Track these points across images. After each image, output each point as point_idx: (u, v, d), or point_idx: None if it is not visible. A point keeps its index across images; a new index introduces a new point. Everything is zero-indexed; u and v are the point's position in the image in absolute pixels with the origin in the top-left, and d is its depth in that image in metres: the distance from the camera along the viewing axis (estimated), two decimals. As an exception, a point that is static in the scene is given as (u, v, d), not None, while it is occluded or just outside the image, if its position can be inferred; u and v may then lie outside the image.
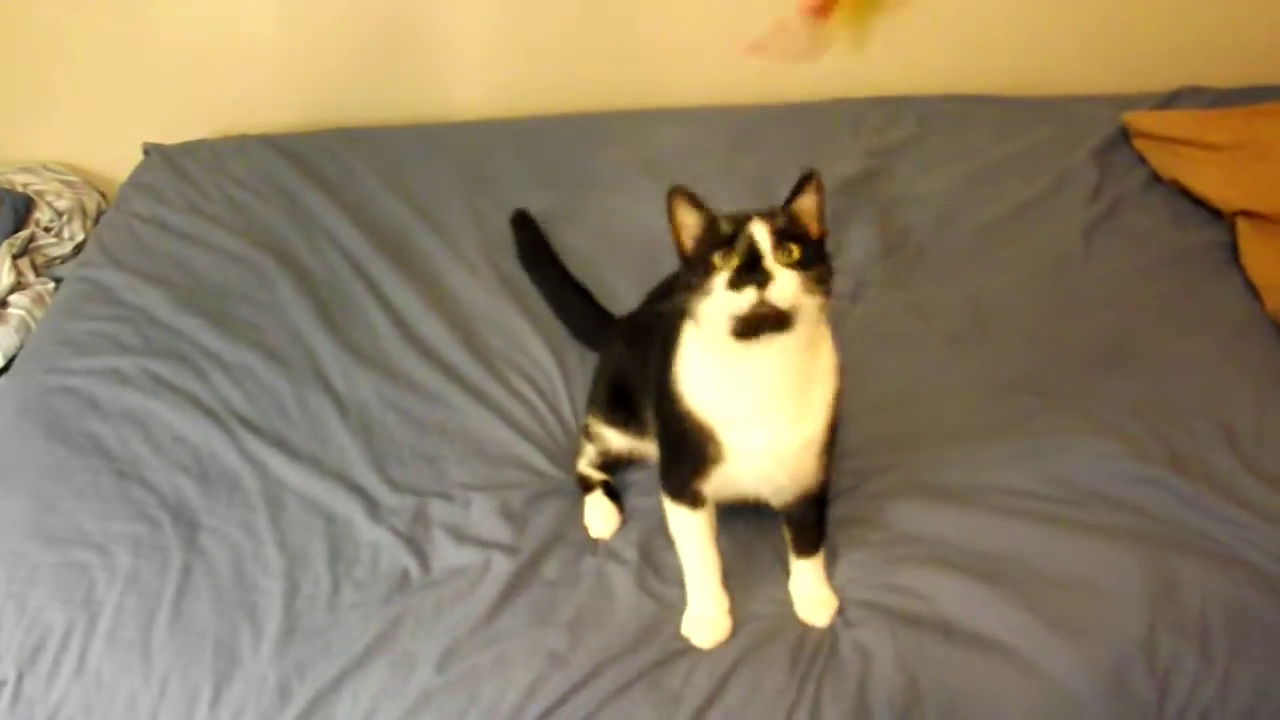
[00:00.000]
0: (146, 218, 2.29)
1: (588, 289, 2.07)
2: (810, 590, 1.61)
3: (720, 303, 1.31)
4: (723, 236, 1.33)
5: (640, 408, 1.67)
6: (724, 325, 1.32)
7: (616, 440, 1.74)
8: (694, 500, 1.54)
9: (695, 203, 1.37)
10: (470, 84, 2.67)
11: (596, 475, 1.76)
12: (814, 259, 1.33)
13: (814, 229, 1.38)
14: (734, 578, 1.62)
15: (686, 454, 1.49)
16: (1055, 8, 2.73)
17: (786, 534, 1.61)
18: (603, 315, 2.01)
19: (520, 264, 2.20)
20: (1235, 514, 1.71)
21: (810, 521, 1.59)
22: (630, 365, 1.70)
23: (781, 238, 1.31)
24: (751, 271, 1.29)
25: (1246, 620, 1.59)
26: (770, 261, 1.29)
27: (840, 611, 1.60)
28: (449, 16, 2.56)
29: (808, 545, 1.61)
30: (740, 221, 1.33)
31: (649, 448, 1.69)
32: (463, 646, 1.54)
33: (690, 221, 1.38)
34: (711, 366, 1.41)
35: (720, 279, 1.30)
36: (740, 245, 1.30)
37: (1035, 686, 1.52)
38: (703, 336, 1.38)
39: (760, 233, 1.31)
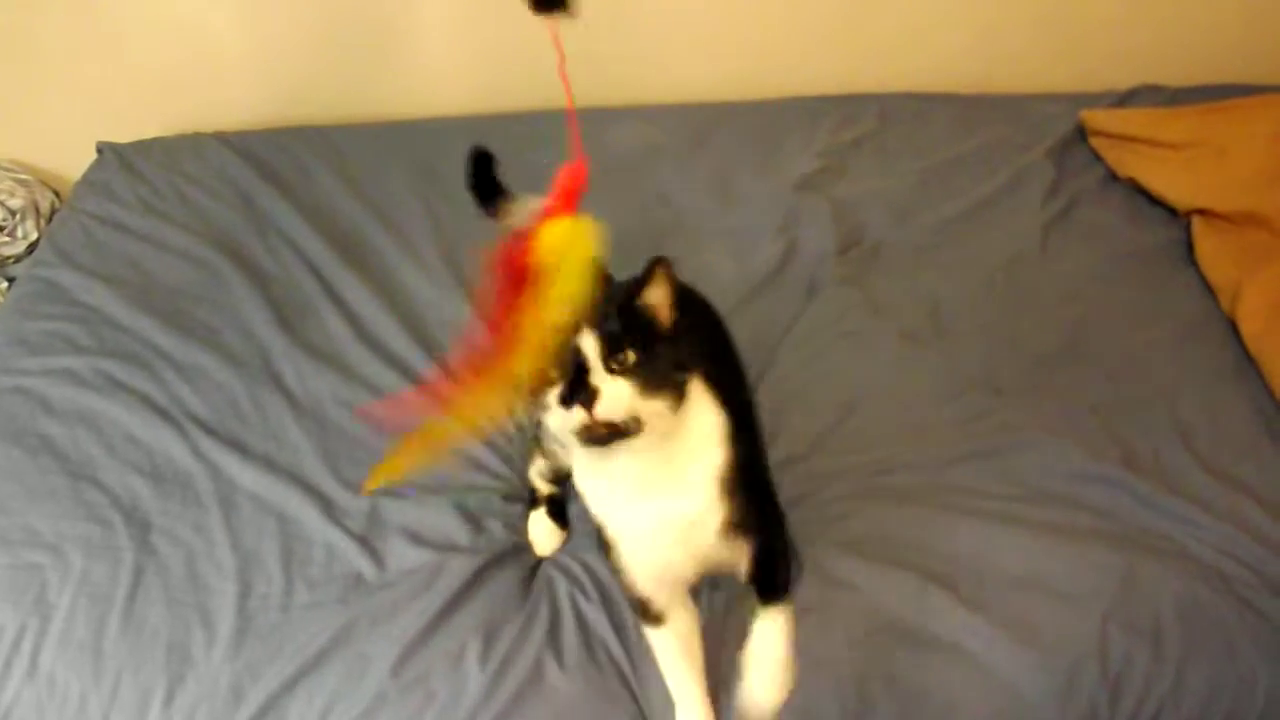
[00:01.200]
0: (100, 217, 2.27)
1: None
2: (767, 658, 1.46)
3: (556, 419, 1.26)
4: (560, 347, 1.24)
5: None
6: (569, 437, 1.27)
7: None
8: (651, 617, 1.50)
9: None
10: (427, 82, 2.65)
11: (544, 488, 1.74)
12: (656, 358, 1.27)
13: (665, 320, 1.32)
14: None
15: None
16: (1013, 6, 2.73)
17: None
18: None
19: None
20: (1189, 511, 1.73)
21: (763, 578, 1.51)
22: None
23: (614, 344, 1.25)
24: (578, 387, 1.23)
25: (1199, 618, 1.60)
26: (598, 375, 1.24)
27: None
28: (406, 15, 2.55)
29: (763, 593, 1.51)
30: (576, 329, 1.25)
31: None
32: (417, 647, 1.54)
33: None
34: (585, 463, 1.38)
35: (553, 395, 1.24)
36: (564, 360, 1.24)
37: (988, 688, 1.53)
38: None
39: (588, 343, 1.24)
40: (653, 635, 1.52)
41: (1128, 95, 2.69)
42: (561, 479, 1.73)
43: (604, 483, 1.41)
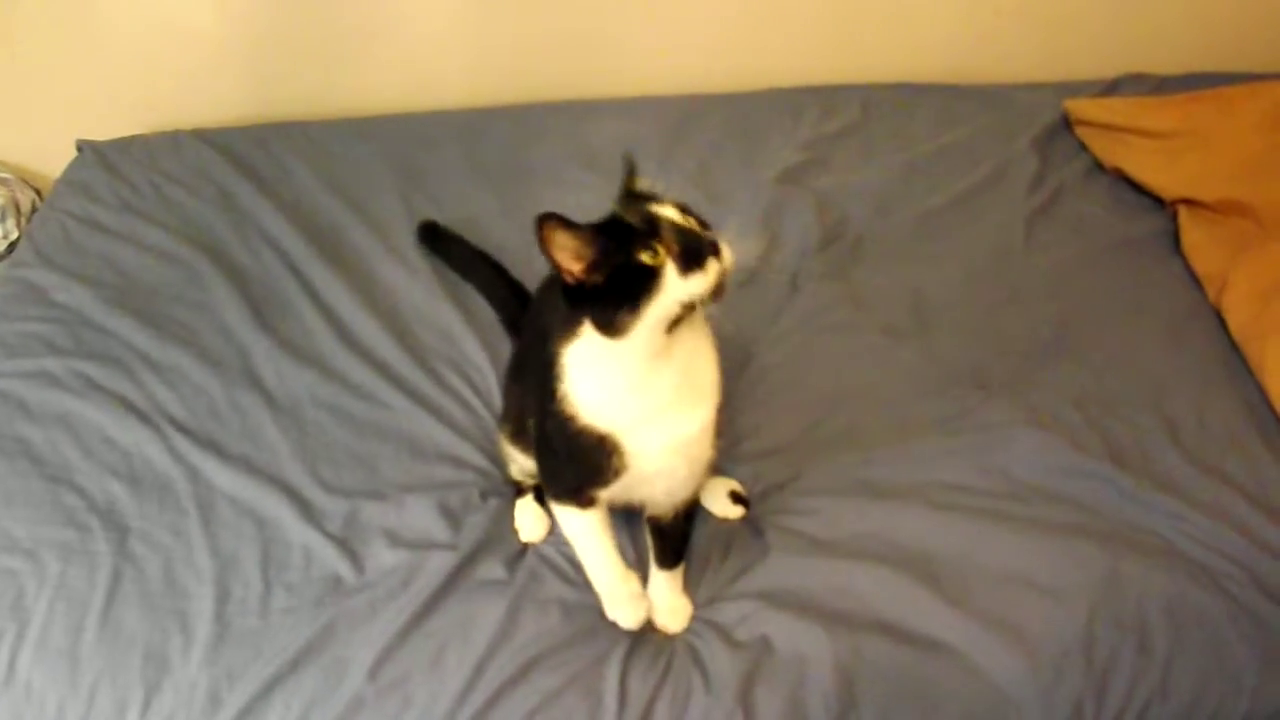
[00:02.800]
0: (79, 216, 2.25)
1: (520, 284, 2.03)
2: (668, 600, 1.60)
3: (674, 293, 1.24)
4: (631, 236, 1.24)
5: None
6: (667, 321, 1.26)
7: (530, 464, 1.69)
8: (586, 502, 1.50)
9: (569, 225, 1.23)
10: (405, 77, 2.63)
11: (528, 480, 1.73)
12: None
13: None
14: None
15: (584, 468, 1.42)
16: (998, -4, 2.73)
17: (652, 545, 1.59)
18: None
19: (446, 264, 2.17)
20: (1175, 507, 1.72)
21: (679, 533, 1.56)
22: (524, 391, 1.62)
23: (684, 210, 1.29)
24: (696, 249, 1.24)
25: (1186, 614, 1.59)
26: (705, 233, 1.26)
27: (695, 617, 1.60)
28: (384, 9, 2.53)
29: (670, 557, 1.59)
30: (643, 216, 1.26)
31: None
32: (395, 650, 1.52)
33: (571, 244, 1.24)
34: (618, 375, 1.33)
35: (669, 269, 1.23)
36: (669, 230, 1.24)
37: (973, 685, 1.53)
38: (623, 347, 1.28)
39: (672, 212, 1.27)
40: (574, 516, 1.52)
41: (1112, 85, 2.69)
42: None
43: (633, 398, 1.36)
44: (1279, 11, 2.81)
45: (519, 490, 1.73)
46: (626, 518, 1.67)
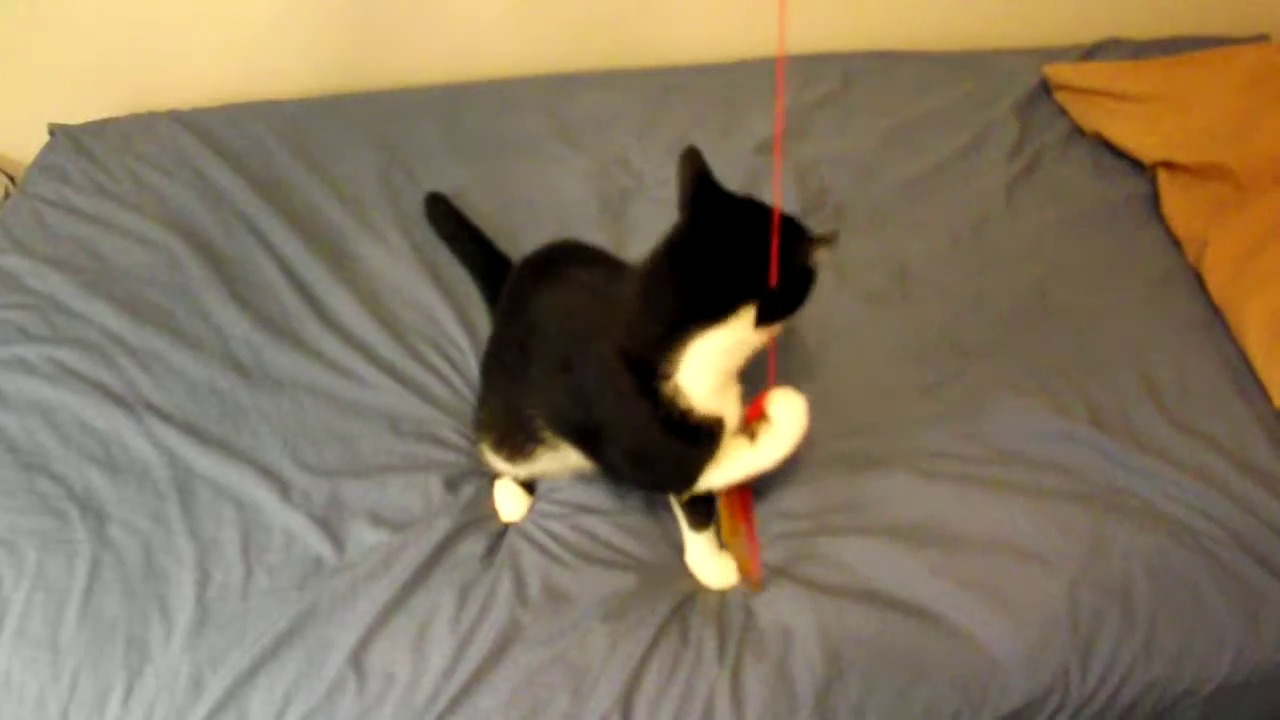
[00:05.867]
0: (52, 201, 2.22)
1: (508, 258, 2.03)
2: (710, 558, 1.62)
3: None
4: (803, 238, 1.34)
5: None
6: None
7: (519, 472, 1.69)
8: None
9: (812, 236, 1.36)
10: (380, 52, 2.61)
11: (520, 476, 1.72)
12: None
13: None
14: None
15: (703, 456, 1.43)
16: (976, -39, 2.71)
17: (685, 512, 1.60)
18: None
19: (441, 238, 2.16)
20: (1158, 468, 1.73)
21: (709, 494, 1.57)
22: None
23: None
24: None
25: (1169, 576, 1.61)
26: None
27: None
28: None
29: (705, 517, 1.60)
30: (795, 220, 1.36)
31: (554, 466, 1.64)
32: (378, 630, 1.52)
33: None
34: (735, 362, 1.37)
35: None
36: (823, 241, 1.35)
37: (959, 652, 1.53)
38: (759, 334, 1.33)
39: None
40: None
41: (1092, 50, 2.68)
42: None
43: (730, 383, 1.41)
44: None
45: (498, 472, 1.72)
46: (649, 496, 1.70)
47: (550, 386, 1.47)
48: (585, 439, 1.47)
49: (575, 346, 1.43)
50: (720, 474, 1.45)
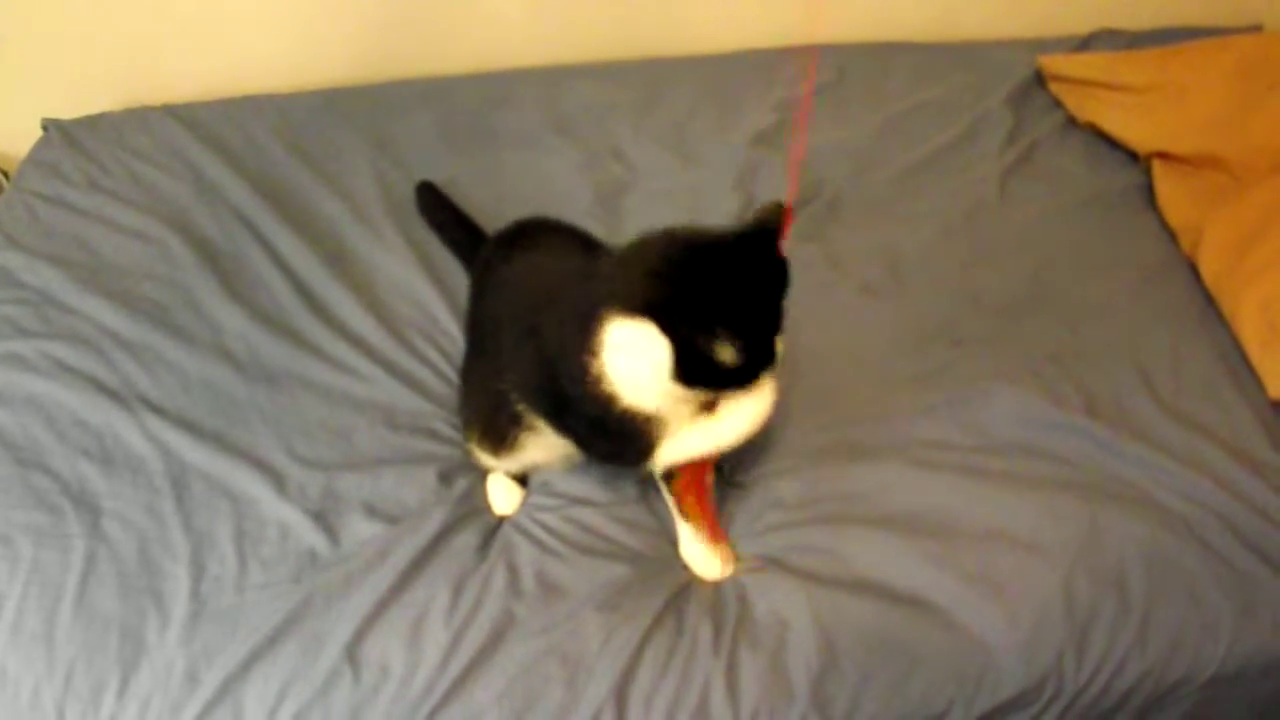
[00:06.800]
0: (46, 196, 2.22)
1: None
2: (701, 549, 1.61)
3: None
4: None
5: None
6: None
7: (510, 465, 1.68)
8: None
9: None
10: (374, 45, 2.61)
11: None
12: None
13: None
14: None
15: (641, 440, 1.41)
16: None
17: (674, 499, 1.60)
18: None
19: (431, 227, 2.16)
20: (1152, 457, 1.73)
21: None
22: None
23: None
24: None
25: (1164, 565, 1.61)
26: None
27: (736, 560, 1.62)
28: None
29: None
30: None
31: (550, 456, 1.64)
32: (373, 623, 1.52)
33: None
34: (664, 386, 1.33)
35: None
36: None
37: (955, 642, 1.53)
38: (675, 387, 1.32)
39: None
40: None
41: (1086, 40, 2.68)
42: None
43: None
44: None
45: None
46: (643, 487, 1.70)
47: (520, 356, 1.46)
48: (554, 409, 1.45)
49: (541, 312, 1.42)
50: (676, 448, 1.41)
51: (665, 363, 1.25)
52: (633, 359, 1.28)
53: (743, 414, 1.40)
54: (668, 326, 1.23)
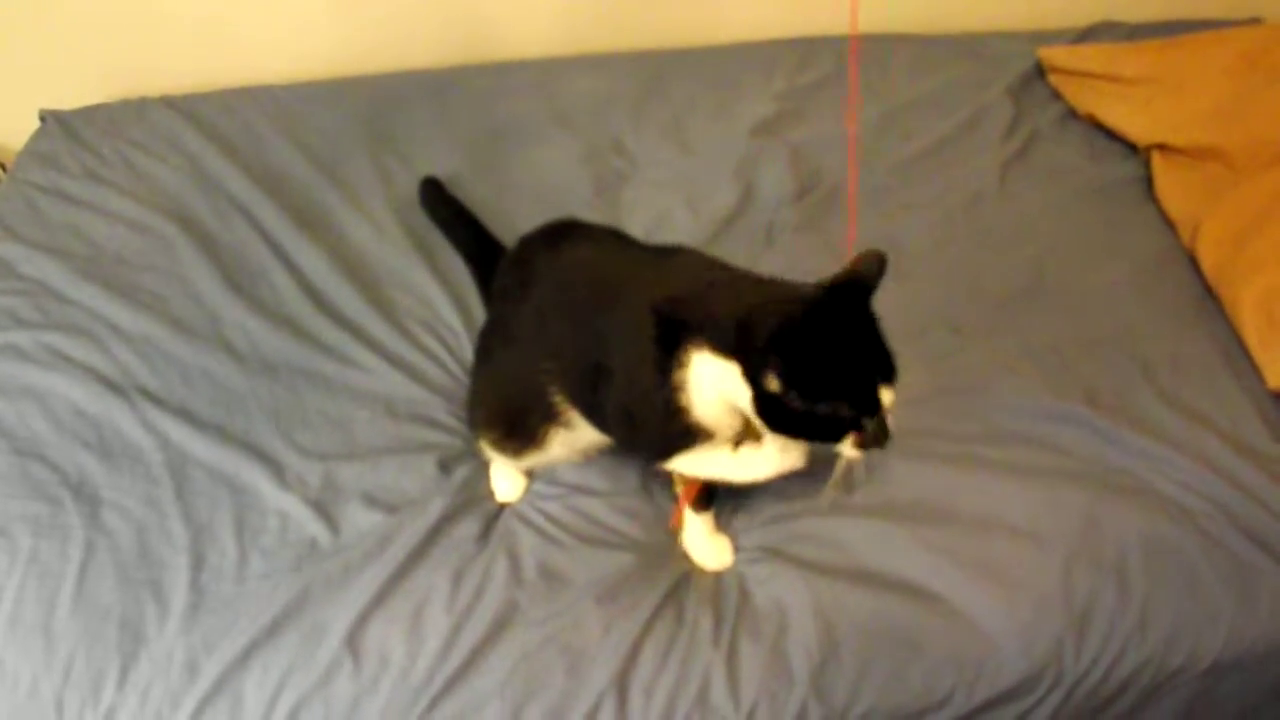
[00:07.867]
0: (44, 187, 2.22)
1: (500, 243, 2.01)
2: (707, 539, 1.61)
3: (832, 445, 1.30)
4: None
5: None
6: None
7: (528, 464, 1.67)
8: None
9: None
10: (372, 36, 2.60)
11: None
12: None
13: None
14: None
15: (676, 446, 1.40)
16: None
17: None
18: None
19: (435, 223, 2.15)
20: (1151, 447, 1.73)
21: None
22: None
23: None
24: (874, 438, 1.31)
25: (1163, 554, 1.61)
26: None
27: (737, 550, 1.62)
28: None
29: (706, 499, 1.59)
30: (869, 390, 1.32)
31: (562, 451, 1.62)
32: (373, 612, 1.52)
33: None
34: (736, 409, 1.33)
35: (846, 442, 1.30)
36: (874, 426, 1.30)
37: (954, 630, 1.53)
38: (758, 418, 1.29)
39: (889, 395, 1.34)
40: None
41: (1086, 32, 2.68)
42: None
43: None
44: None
45: None
46: (645, 477, 1.70)
47: (569, 337, 1.44)
48: (590, 384, 1.42)
49: (608, 293, 1.40)
50: (689, 464, 1.40)
51: (749, 401, 1.23)
52: (720, 388, 1.27)
53: (764, 460, 1.39)
54: (754, 382, 1.22)
